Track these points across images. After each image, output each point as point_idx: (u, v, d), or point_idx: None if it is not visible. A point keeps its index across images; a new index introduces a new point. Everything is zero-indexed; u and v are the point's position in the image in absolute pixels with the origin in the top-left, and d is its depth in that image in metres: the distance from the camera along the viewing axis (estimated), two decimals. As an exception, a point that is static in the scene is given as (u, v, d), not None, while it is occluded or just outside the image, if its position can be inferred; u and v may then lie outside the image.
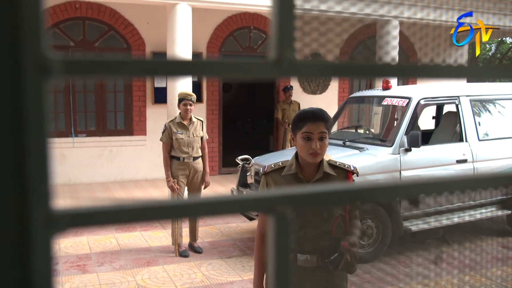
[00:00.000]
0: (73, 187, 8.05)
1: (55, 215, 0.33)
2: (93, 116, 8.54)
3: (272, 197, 0.37)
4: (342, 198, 0.40)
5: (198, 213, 0.35)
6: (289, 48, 0.36)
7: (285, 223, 0.37)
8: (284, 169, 2.24)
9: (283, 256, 0.37)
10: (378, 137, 5.87)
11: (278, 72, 0.37)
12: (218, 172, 9.43)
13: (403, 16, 8.14)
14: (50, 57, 0.30)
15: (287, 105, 9.16)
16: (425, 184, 0.44)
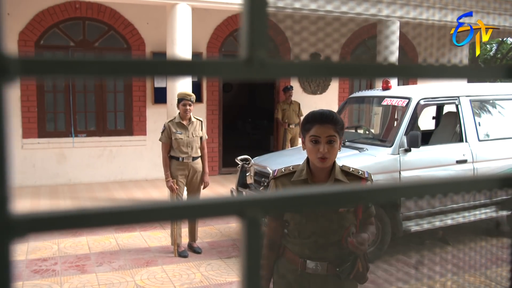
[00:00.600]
0: (73, 187, 8.04)
1: (14, 220, 0.32)
2: (93, 116, 8.54)
3: (243, 201, 0.36)
4: (316, 202, 0.39)
5: (165, 218, 0.34)
6: (260, 47, 0.35)
7: (256, 227, 0.36)
8: (294, 174, 2.16)
9: (255, 260, 0.35)
10: (378, 138, 5.86)
11: (249, 72, 0.35)
12: (218, 172, 9.42)
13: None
14: (6, 56, 0.29)
15: (287, 105, 9.15)
16: (404, 188, 0.43)
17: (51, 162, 8.20)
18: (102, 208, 0.32)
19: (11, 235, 0.32)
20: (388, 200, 0.42)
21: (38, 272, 4.90)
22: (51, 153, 8.21)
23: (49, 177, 8.18)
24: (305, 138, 2.09)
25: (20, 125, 8.04)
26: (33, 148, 8.11)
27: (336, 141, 2.04)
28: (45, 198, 7.34)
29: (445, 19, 8.30)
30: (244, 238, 0.36)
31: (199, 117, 5.48)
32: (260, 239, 0.36)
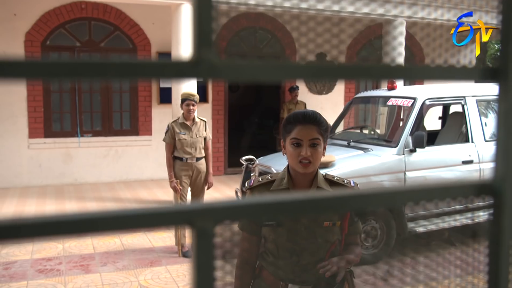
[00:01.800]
0: (79, 187, 8.07)
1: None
2: (99, 116, 8.56)
3: (192, 210, 0.34)
4: (270, 211, 0.37)
5: (109, 228, 0.33)
6: (208, 48, 0.34)
7: (206, 239, 0.34)
8: (273, 183, 1.95)
9: (206, 276, 0.34)
10: (383, 138, 5.82)
11: (195, 74, 0.34)
12: (223, 173, 9.41)
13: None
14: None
15: (293, 105, 9.12)
16: (372, 196, 0.41)
17: (57, 162, 8.24)
18: (36, 218, 0.31)
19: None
20: (355, 209, 0.40)
21: (42, 271, 4.91)
22: (57, 153, 8.24)
23: (55, 177, 8.21)
24: (286, 141, 1.89)
25: (27, 125, 8.08)
26: (39, 148, 8.15)
27: (320, 144, 1.84)
28: (51, 198, 7.37)
29: (454, 19, 8.25)
30: (193, 250, 0.34)
31: (203, 118, 5.46)
32: (211, 251, 0.34)
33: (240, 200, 0.36)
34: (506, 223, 0.44)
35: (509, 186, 0.44)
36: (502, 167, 0.44)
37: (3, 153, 7.96)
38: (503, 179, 0.44)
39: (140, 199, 7.38)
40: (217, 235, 0.38)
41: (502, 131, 0.43)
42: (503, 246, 0.44)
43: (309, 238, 1.90)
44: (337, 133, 6.21)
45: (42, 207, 6.83)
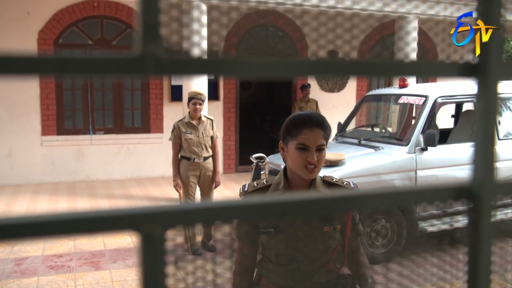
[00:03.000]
0: (91, 184, 8.12)
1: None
2: (111, 114, 8.61)
3: (137, 214, 0.32)
4: (226, 215, 0.35)
5: (47, 233, 0.31)
6: (154, 42, 0.32)
7: (153, 245, 0.32)
8: (269, 188, 1.87)
9: (153, 286, 0.32)
10: (394, 136, 5.77)
11: (139, 70, 0.32)
12: (234, 170, 9.40)
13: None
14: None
15: (304, 103, 9.08)
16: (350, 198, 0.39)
17: (69, 159, 8.30)
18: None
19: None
20: (321, 212, 0.38)
21: (53, 268, 4.95)
22: (69, 150, 8.31)
23: (68, 174, 8.28)
24: (288, 144, 1.79)
25: (40, 122, 8.15)
26: (52, 145, 8.22)
27: (324, 149, 1.79)
28: (63, 195, 7.43)
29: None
30: (139, 257, 0.33)
31: (210, 116, 5.44)
32: (159, 258, 0.32)
33: (192, 203, 0.34)
34: (484, 228, 0.41)
35: (487, 189, 0.42)
36: (481, 170, 0.42)
37: (17, 150, 8.05)
38: (481, 182, 0.42)
39: (151, 196, 7.41)
40: (168, 241, 0.36)
41: (481, 131, 0.41)
42: (482, 251, 0.41)
43: (309, 244, 1.83)
44: (348, 131, 6.16)
45: (54, 204, 6.89)
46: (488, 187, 0.42)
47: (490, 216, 0.42)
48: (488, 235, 0.42)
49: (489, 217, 0.42)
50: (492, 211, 0.42)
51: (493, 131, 0.41)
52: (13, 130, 8.01)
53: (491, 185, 0.42)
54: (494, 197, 0.42)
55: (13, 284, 4.55)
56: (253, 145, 9.36)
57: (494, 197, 0.42)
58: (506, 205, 5.56)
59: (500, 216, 5.49)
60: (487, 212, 0.42)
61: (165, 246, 0.33)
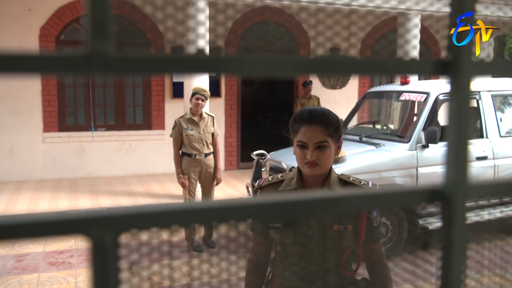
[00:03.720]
0: (92, 181, 8.13)
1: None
2: (112, 111, 8.60)
3: (87, 219, 0.31)
4: (182, 218, 0.34)
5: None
6: (102, 39, 0.30)
7: (103, 251, 0.31)
8: (282, 183, 1.84)
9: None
10: (396, 133, 5.74)
11: (88, 68, 0.31)
12: (236, 167, 9.40)
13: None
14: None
15: (306, 100, 9.05)
16: (315, 202, 0.37)
17: (71, 155, 8.31)
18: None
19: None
20: (284, 216, 0.37)
21: (54, 264, 4.96)
22: (71, 147, 8.31)
23: (69, 170, 8.29)
24: (294, 141, 1.77)
25: (41, 119, 8.16)
26: (53, 142, 8.23)
27: (329, 146, 1.69)
28: (65, 191, 7.44)
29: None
30: (89, 263, 0.31)
31: (211, 113, 5.44)
32: (111, 264, 0.31)
33: (146, 206, 0.33)
34: (457, 231, 0.40)
35: (460, 192, 0.40)
36: (453, 172, 0.40)
37: (19, 146, 8.06)
38: (454, 184, 0.40)
39: (153, 193, 7.40)
40: (121, 246, 0.35)
41: (453, 131, 0.39)
42: (455, 254, 0.40)
43: (317, 242, 1.76)
44: (349, 128, 6.14)
45: (56, 201, 6.90)
46: (461, 189, 0.41)
47: (463, 218, 0.41)
48: (461, 238, 0.40)
49: (462, 220, 0.40)
50: (465, 213, 0.41)
51: (466, 131, 0.40)
52: (15, 126, 8.02)
53: (464, 187, 0.41)
54: (467, 199, 0.41)
55: (13, 281, 4.56)
56: (255, 142, 9.35)
57: (467, 199, 0.41)
58: (502, 203, 5.53)
59: (496, 214, 5.46)
60: (460, 214, 0.40)
61: (117, 252, 0.32)
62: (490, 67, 0.41)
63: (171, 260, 5.06)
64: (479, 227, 5.62)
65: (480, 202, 5.34)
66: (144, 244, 5.38)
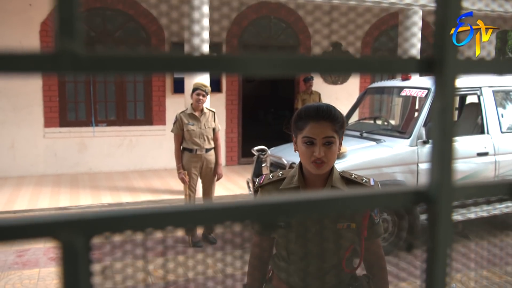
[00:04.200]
0: (93, 176, 8.14)
1: None
2: (113, 106, 8.60)
3: (56, 221, 0.30)
4: (155, 221, 0.33)
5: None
6: (70, 37, 0.30)
7: (74, 256, 0.30)
8: (283, 181, 1.81)
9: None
10: (397, 129, 5.73)
11: (55, 68, 0.30)
12: (237, 162, 9.40)
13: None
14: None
15: (307, 96, 9.04)
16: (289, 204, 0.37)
17: (72, 151, 8.31)
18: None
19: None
20: (255, 219, 0.36)
21: (55, 259, 4.97)
22: (72, 142, 8.32)
23: (70, 166, 8.30)
24: (297, 138, 1.73)
25: (42, 114, 8.16)
26: (54, 137, 8.23)
27: (335, 143, 1.68)
28: (66, 186, 7.44)
29: (472, 7, 8.04)
30: (60, 268, 0.31)
31: (212, 108, 5.43)
32: (82, 269, 0.30)
33: (119, 209, 0.32)
34: (442, 233, 0.39)
35: (445, 193, 0.39)
36: (438, 173, 0.39)
37: (20, 142, 8.06)
38: (438, 185, 0.39)
39: (154, 189, 7.41)
40: (93, 250, 0.34)
41: (437, 130, 0.38)
42: (439, 257, 0.39)
43: (320, 241, 1.75)
44: (350, 124, 6.12)
45: (57, 196, 6.91)
46: (446, 190, 0.40)
47: (448, 220, 0.40)
48: (446, 240, 0.39)
49: (447, 222, 0.40)
50: (450, 215, 0.40)
51: (451, 130, 0.39)
52: (15, 122, 8.02)
53: (449, 188, 0.40)
54: (452, 201, 0.40)
55: (14, 276, 4.57)
56: (256, 138, 9.34)
57: (452, 201, 0.40)
58: (504, 199, 5.51)
59: (499, 210, 5.45)
60: (445, 216, 0.39)
61: (89, 255, 0.31)
62: (476, 66, 0.40)
63: (167, 256, 5.06)
64: (482, 222, 5.61)
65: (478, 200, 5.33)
66: (144, 239, 5.40)
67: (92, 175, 8.25)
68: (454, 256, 5.08)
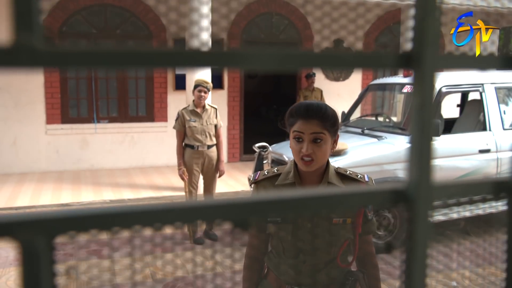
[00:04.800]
0: (95, 173, 8.14)
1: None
2: (115, 103, 8.60)
3: (14, 221, 0.29)
4: (120, 220, 0.32)
5: None
6: (28, 31, 0.28)
7: (34, 256, 0.29)
8: (279, 177, 1.81)
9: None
10: (398, 126, 5.70)
11: (12, 62, 0.29)
12: (239, 159, 9.39)
13: None
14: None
15: (309, 92, 9.01)
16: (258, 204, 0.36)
17: (74, 147, 8.32)
18: None
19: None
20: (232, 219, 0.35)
21: (55, 256, 4.97)
22: (74, 139, 8.32)
23: (72, 162, 8.31)
24: (289, 134, 1.76)
25: (44, 111, 8.16)
26: (56, 133, 8.24)
27: (325, 140, 1.69)
28: (68, 183, 7.45)
29: (481, 3, 8.00)
30: (19, 270, 0.30)
31: (214, 105, 5.43)
32: (43, 270, 0.29)
33: (83, 208, 0.31)
34: (420, 233, 0.38)
35: (423, 192, 0.38)
36: (416, 171, 0.38)
37: (22, 138, 8.08)
38: (416, 184, 0.38)
39: (155, 185, 7.41)
40: (56, 250, 0.33)
41: (416, 127, 0.37)
42: (417, 257, 0.38)
43: (317, 236, 1.76)
44: (351, 121, 6.11)
45: (59, 192, 6.92)
46: (424, 189, 0.38)
47: (426, 220, 0.38)
48: (424, 240, 0.38)
49: (425, 222, 0.38)
50: (428, 215, 0.38)
51: (429, 127, 0.37)
52: (18, 118, 8.03)
53: (428, 187, 0.39)
54: (430, 200, 0.38)
55: (15, 272, 4.58)
56: (258, 134, 9.32)
57: (430, 200, 0.38)
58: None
59: (499, 207, 5.42)
60: (423, 216, 0.38)
61: (52, 256, 0.30)
62: (456, 60, 0.39)
63: (167, 252, 5.07)
64: (485, 220, 5.59)
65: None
66: (143, 236, 5.40)
67: (94, 171, 8.26)
68: (448, 253, 5.06)
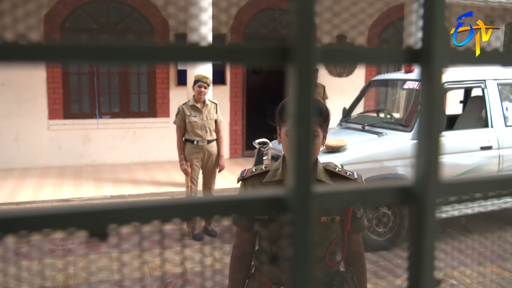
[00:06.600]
0: (97, 168, 8.15)
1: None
2: (117, 98, 8.59)
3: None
4: (69, 220, 0.32)
5: None
6: None
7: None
8: (267, 174, 1.79)
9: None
10: (400, 122, 5.69)
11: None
12: (241, 155, 9.38)
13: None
14: None
15: (311, 88, 8.99)
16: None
17: (76, 143, 8.33)
18: None
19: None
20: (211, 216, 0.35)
21: (54, 251, 4.98)
22: (76, 134, 8.33)
23: (74, 158, 8.31)
24: (281, 130, 1.72)
25: (46, 106, 8.17)
26: (58, 129, 8.24)
27: (318, 136, 1.67)
28: (70, 178, 7.46)
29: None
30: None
31: (214, 100, 5.43)
32: None
33: (31, 208, 0.31)
34: (427, 230, 0.37)
35: (431, 190, 0.37)
36: (424, 169, 0.37)
37: (24, 134, 8.08)
38: (424, 181, 0.38)
39: (157, 181, 7.41)
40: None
41: (424, 124, 0.36)
42: (424, 255, 0.37)
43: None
44: (352, 117, 6.09)
45: (60, 188, 6.93)
46: (432, 187, 0.38)
47: (433, 218, 0.38)
48: (432, 238, 0.38)
49: (432, 219, 0.38)
50: (435, 213, 0.38)
51: (438, 124, 0.37)
52: (20, 114, 8.04)
53: (435, 184, 0.38)
54: (438, 197, 0.38)
55: (13, 267, 4.58)
56: (261, 130, 9.30)
57: (438, 197, 0.38)
58: (508, 194, 5.46)
59: (500, 205, 5.41)
60: (431, 213, 0.38)
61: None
62: (464, 56, 0.38)
63: (164, 249, 5.07)
64: (486, 217, 5.58)
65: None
66: (140, 232, 5.41)
67: (96, 167, 8.26)
68: (448, 251, 5.06)
